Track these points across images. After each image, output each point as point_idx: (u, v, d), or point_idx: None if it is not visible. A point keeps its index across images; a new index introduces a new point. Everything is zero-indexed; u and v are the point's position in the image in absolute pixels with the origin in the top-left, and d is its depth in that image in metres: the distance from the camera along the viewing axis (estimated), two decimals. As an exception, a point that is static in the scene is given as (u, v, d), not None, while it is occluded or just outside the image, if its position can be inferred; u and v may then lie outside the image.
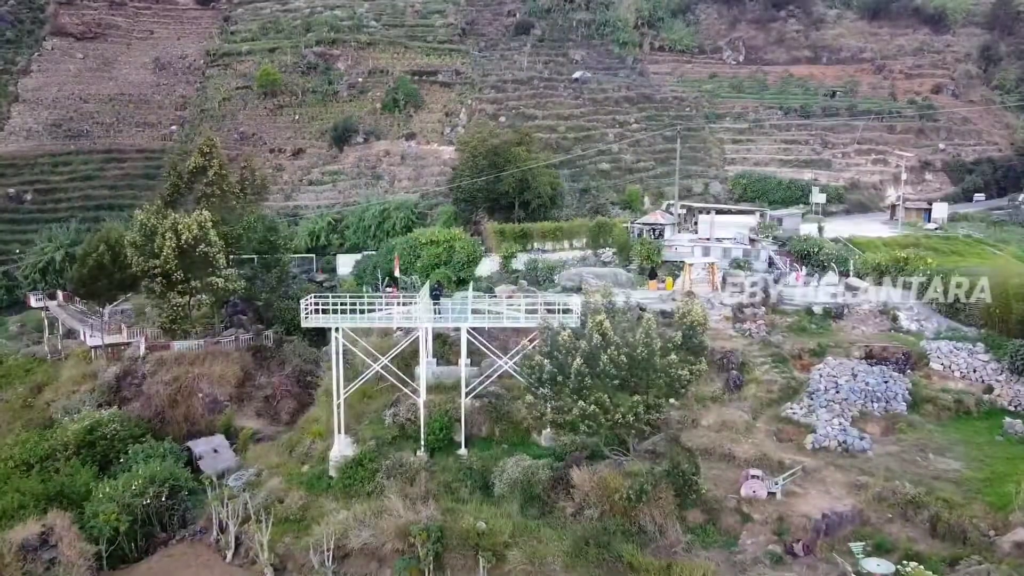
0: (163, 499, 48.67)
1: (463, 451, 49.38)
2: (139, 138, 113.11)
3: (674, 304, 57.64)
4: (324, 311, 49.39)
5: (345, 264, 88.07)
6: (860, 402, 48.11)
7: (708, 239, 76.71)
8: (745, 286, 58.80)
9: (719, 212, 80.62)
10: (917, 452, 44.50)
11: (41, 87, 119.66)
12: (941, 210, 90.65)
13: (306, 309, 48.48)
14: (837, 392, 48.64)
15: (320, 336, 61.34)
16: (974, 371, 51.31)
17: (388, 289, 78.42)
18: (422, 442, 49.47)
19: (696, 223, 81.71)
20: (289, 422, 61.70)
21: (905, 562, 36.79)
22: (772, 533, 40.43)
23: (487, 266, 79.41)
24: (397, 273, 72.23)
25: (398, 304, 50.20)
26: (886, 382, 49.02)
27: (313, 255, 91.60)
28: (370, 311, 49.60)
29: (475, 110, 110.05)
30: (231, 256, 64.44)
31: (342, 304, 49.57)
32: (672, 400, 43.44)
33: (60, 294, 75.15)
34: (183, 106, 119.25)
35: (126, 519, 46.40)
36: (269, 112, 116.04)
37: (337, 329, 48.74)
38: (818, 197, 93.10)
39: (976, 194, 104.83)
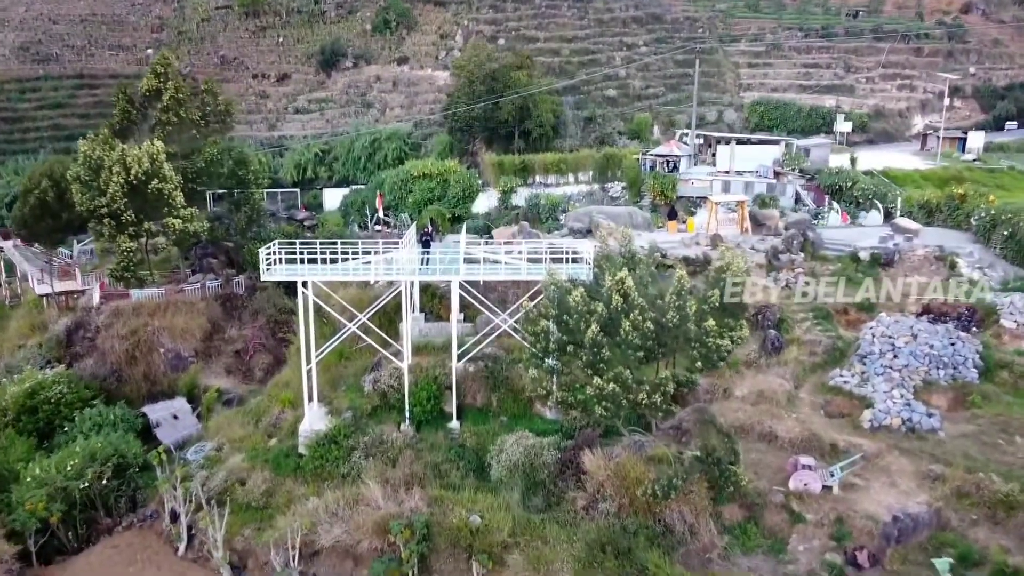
0: (106, 480, 40.36)
1: (455, 424, 40.98)
2: (113, 62, 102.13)
3: (698, 249, 48.56)
4: (293, 260, 40.54)
5: (332, 199, 78.80)
6: (923, 368, 39.35)
7: (728, 172, 67.27)
8: (780, 228, 49.51)
9: (739, 142, 70.91)
10: (999, 433, 35.92)
11: (7, 7, 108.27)
12: (977, 139, 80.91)
13: (268, 259, 39.46)
14: (895, 356, 39.84)
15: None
16: (1052, 329, 42.54)
17: (377, 228, 69.45)
18: (407, 414, 41.03)
19: (714, 154, 72.06)
20: (263, 379, 53.12)
21: (1000, 581, 28.74)
22: (829, 537, 32.19)
23: (484, 202, 70.30)
24: (381, 213, 63.07)
25: (378, 252, 41.15)
26: (952, 344, 40.18)
27: (297, 190, 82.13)
28: (347, 259, 40.69)
29: (472, 31, 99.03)
30: (197, 192, 54.95)
31: (311, 252, 40.64)
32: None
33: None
34: (160, 28, 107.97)
35: (60, 507, 38.17)
36: (251, 34, 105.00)
37: (305, 283, 39.85)
38: (843, 125, 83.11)
39: (1008, 122, 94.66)
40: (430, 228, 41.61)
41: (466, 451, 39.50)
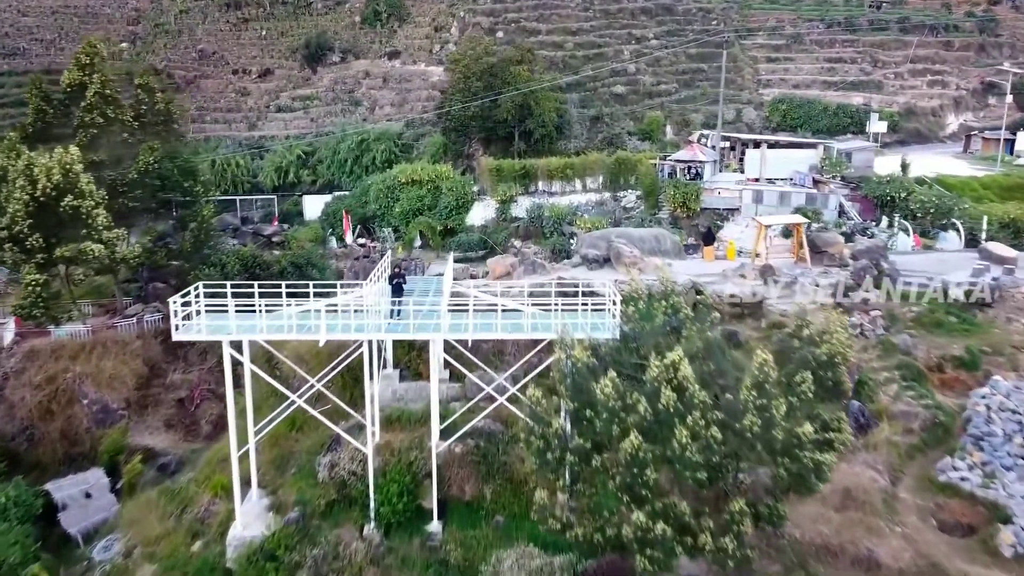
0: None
1: (435, 526, 29.13)
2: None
3: (745, 285, 36.58)
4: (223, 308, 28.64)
5: (313, 207, 66.68)
6: (1067, 458, 27.54)
7: (759, 180, 55.28)
8: (845, 256, 37.50)
9: (771, 145, 58.82)
10: None
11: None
12: (1025, 141, 68.92)
13: (177, 313, 27.44)
14: (1025, 438, 28.04)
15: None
16: None
17: (360, 241, 57.52)
18: (371, 512, 29.20)
19: (741, 159, 60.01)
20: (211, 435, 41.42)
21: None
22: None
23: (480, 212, 58.26)
24: (348, 238, 51.10)
25: (342, 294, 29.18)
26: (1100, 422, 28.33)
27: (275, 197, 70.07)
28: (298, 301, 28.82)
29: (468, 24, 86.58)
30: (130, 208, 42.83)
31: (243, 296, 28.74)
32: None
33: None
34: (136, 20, 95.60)
35: None
36: (232, 27, 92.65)
37: (239, 345, 27.95)
38: (877, 125, 70.77)
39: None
40: (401, 269, 29.59)
41: (450, 570, 27.67)
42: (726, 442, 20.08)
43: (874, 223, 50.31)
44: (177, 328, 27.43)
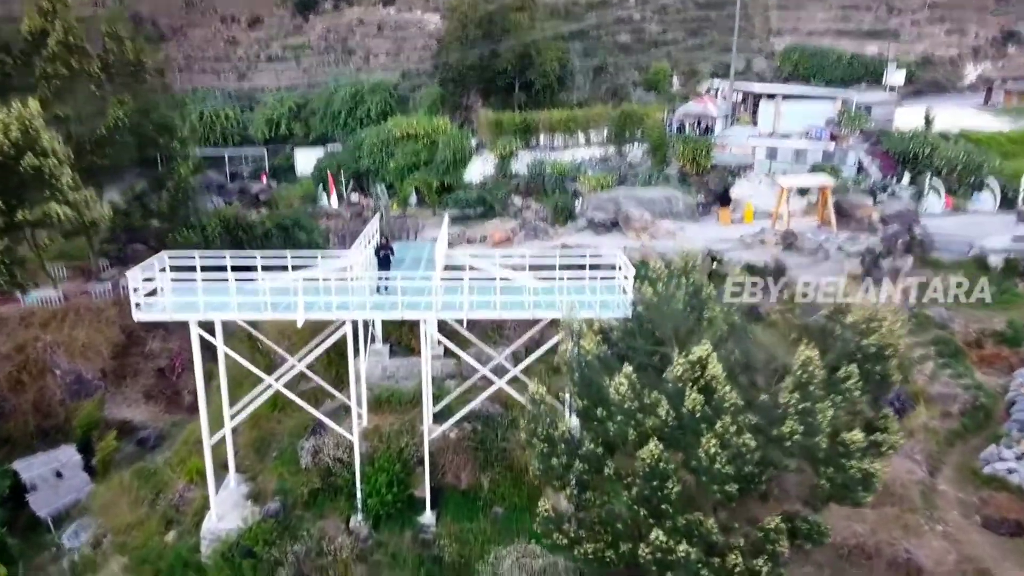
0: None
1: (428, 518, 26.34)
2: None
3: (765, 252, 33.23)
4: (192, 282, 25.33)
5: (305, 161, 62.83)
6: (1125, 449, 24.55)
7: (773, 135, 51.55)
8: (874, 221, 34.07)
9: (786, 97, 54.90)
10: None
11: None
12: (1052, 93, 64.78)
13: (138, 288, 24.17)
14: (1079, 427, 25.02)
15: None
16: None
17: (353, 196, 53.99)
18: (358, 502, 26.34)
19: (755, 112, 56.14)
20: (194, 406, 38.39)
21: None
22: None
23: (479, 168, 54.53)
24: (332, 201, 47.52)
25: (321, 263, 25.85)
26: None
27: (265, 151, 66.15)
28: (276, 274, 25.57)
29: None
30: (99, 167, 39.13)
31: (214, 270, 25.48)
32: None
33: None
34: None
35: None
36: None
37: (210, 328, 24.77)
38: (895, 75, 66.37)
39: (1069, 72, 77.95)
40: (388, 240, 26.15)
41: (444, 569, 24.90)
42: (760, 449, 16.99)
43: (895, 180, 46.75)
44: (139, 307, 24.17)
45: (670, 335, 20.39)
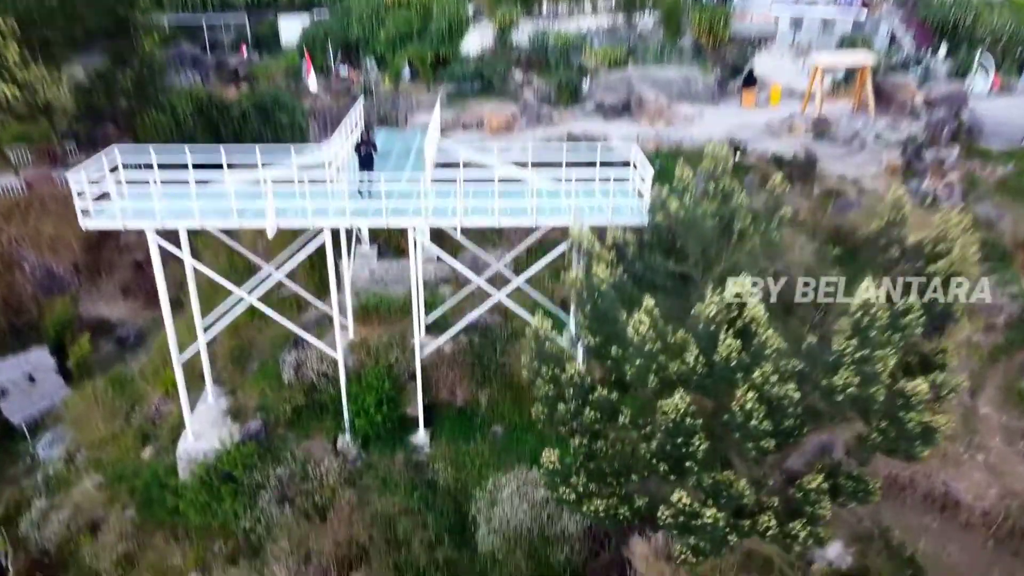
0: None
1: (421, 438, 24.15)
2: None
3: (793, 141, 29.55)
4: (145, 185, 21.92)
5: (290, 30, 57.50)
6: None
7: (799, 2, 46.42)
8: (917, 105, 30.17)
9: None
10: None
11: None
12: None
13: (83, 190, 20.84)
14: None
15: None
16: None
17: (342, 70, 49.50)
18: (345, 421, 24.06)
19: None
20: (176, 300, 35.84)
21: None
22: None
23: (476, 40, 49.68)
24: (310, 83, 42.94)
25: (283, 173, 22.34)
26: None
27: (245, 17, 60.53)
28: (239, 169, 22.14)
29: None
30: (53, 43, 34.67)
31: (173, 168, 22.04)
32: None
33: None
34: None
35: None
36: None
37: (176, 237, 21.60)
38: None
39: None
40: (369, 135, 22.42)
41: (438, 494, 22.85)
42: (803, 400, 14.28)
43: (929, 53, 42.23)
44: (86, 213, 20.94)
45: (697, 256, 17.36)
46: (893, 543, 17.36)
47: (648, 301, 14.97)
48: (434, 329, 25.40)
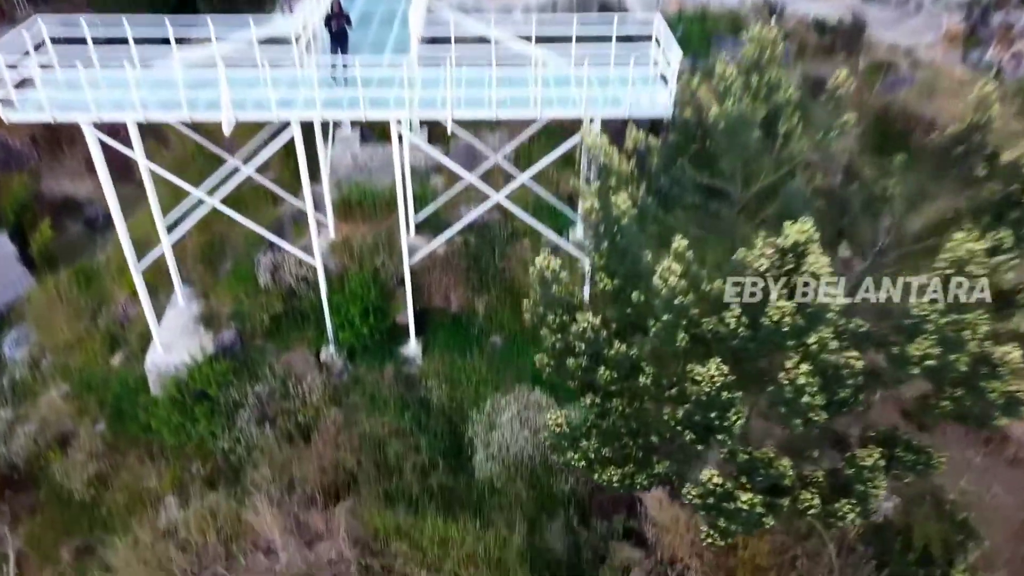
0: None
1: (412, 349, 21.83)
2: None
3: (838, 1, 25.23)
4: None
5: None
6: None
7: None
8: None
9: None
10: None
11: None
12: None
13: (2, 77, 17.31)
14: None
15: None
16: None
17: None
18: (328, 331, 21.63)
19: None
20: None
21: None
22: None
23: None
24: None
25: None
26: None
27: None
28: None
29: None
30: None
31: (111, 43, 18.35)
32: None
33: None
34: None
35: None
36: None
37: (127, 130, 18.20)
38: None
39: None
40: (341, 7, 18.20)
41: (431, 415, 20.76)
42: (866, 368, 11.67)
43: None
44: (7, 104, 17.50)
45: (737, 171, 14.23)
46: (945, 505, 15.28)
47: (679, 242, 12.01)
48: (425, 228, 22.51)
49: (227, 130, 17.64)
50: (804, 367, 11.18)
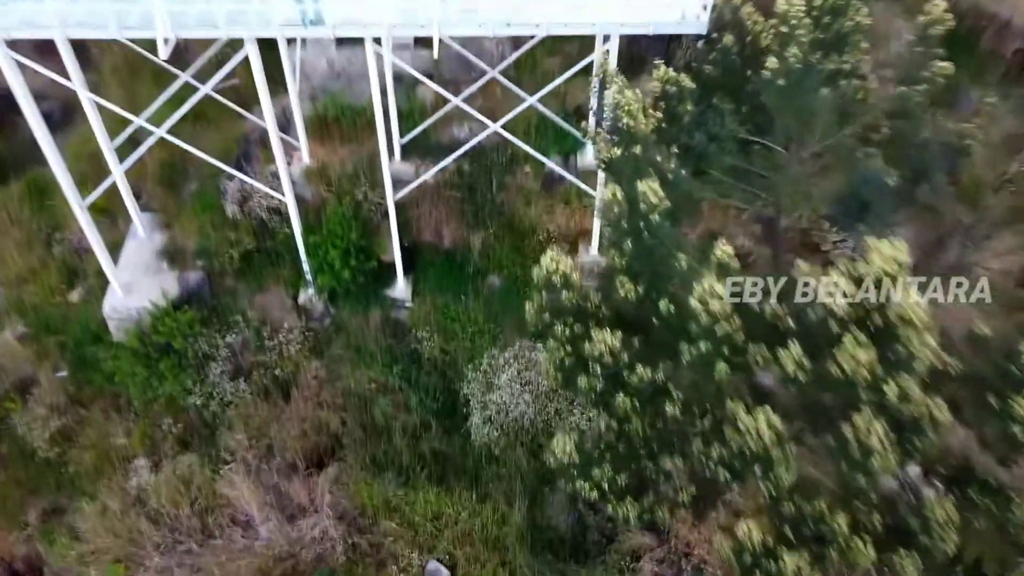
0: None
1: (400, 291, 19.36)
2: None
3: None
4: None
5: None
6: None
7: None
8: None
9: None
10: None
11: None
12: None
13: None
14: None
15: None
16: None
17: None
18: (305, 273, 19.08)
19: None
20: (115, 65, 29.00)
21: None
22: None
23: None
24: None
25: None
26: None
27: None
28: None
29: None
30: None
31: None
32: None
33: None
34: None
35: None
36: None
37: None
38: None
39: None
40: None
41: (422, 369, 18.54)
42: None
43: None
44: None
45: (796, 129, 11.26)
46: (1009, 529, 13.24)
47: (722, 250, 9.29)
48: (412, 151, 19.41)
49: (163, 53, 14.36)
50: (878, 426, 8.76)
